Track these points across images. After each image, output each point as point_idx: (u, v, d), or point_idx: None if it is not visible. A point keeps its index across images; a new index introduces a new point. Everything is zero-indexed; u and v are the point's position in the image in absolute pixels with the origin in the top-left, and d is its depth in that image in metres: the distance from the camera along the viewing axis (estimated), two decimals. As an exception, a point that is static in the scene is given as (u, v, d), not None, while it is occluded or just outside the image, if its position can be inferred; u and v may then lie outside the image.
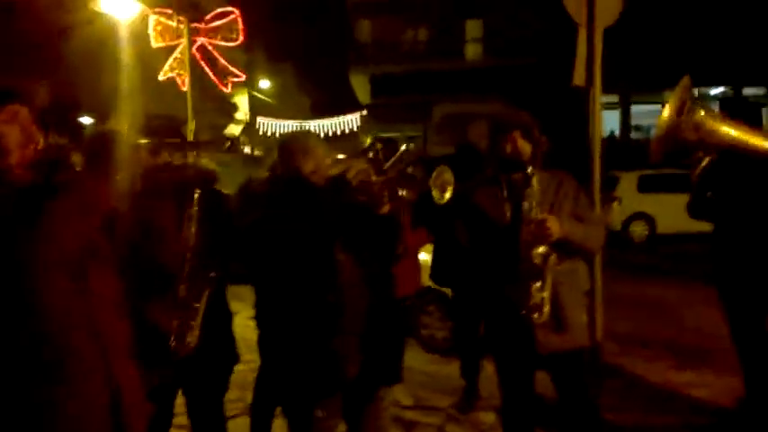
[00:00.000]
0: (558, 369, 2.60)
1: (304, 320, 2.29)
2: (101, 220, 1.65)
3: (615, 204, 12.73)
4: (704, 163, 3.17)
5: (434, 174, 2.58)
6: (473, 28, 24.83)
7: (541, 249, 2.36)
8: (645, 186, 12.36)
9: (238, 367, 3.49)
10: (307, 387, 2.33)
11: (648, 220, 12.55)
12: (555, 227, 2.37)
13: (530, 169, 2.44)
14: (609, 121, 23.53)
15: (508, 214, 2.52)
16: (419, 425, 3.87)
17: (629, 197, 12.15)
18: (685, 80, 2.30)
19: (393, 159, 2.64)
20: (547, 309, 2.43)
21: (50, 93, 1.77)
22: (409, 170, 3.98)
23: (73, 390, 1.58)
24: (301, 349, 2.30)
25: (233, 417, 3.76)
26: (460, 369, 4.37)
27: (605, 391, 4.07)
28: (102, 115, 12.94)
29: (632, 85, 20.44)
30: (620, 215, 12.30)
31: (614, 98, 23.24)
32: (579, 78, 3.80)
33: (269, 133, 20.96)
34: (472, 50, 25.03)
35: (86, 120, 14.19)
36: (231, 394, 3.93)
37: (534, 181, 2.42)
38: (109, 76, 9.46)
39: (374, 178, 2.33)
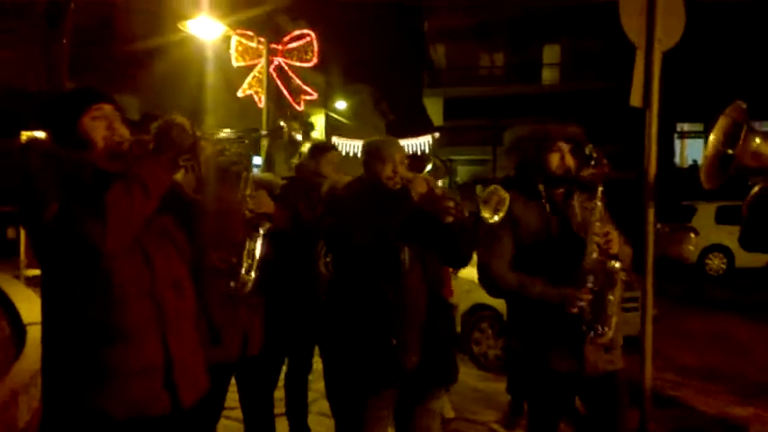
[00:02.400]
0: (598, 391, 2.51)
1: (367, 313, 2.40)
2: (159, 202, 1.79)
3: (692, 236, 12.28)
4: (755, 191, 3.04)
5: (486, 192, 2.47)
6: (550, 53, 24.68)
7: (616, 263, 2.36)
8: (723, 218, 11.80)
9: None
10: (366, 374, 2.40)
11: (726, 252, 11.95)
12: (615, 240, 2.37)
13: (600, 190, 2.42)
14: (694, 151, 22.64)
15: (556, 231, 2.48)
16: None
17: (707, 229, 11.66)
18: (739, 104, 2.20)
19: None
20: (614, 324, 2.39)
21: (140, 106, 2.00)
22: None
23: (131, 350, 1.75)
24: (363, 339, 2.40)
25: (278, 415, 3.93)
26: (507, 384, 4.38)
27: (659, 419, 3.98)
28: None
29: (718, 114, 19.61)
30: (697, 247, 11.81)
31: (699, 127, 22.35)
32: (636, 99, 3.78)
33: (343, 153, 21.45)
34: (548, 75, 24.84)
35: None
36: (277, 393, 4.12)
37: (599, 194, 2.41)
38: (194, 93, 10.14)
39: (438, 191, 2.36)
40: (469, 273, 5.62)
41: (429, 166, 2.56)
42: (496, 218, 2.29)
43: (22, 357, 4.29)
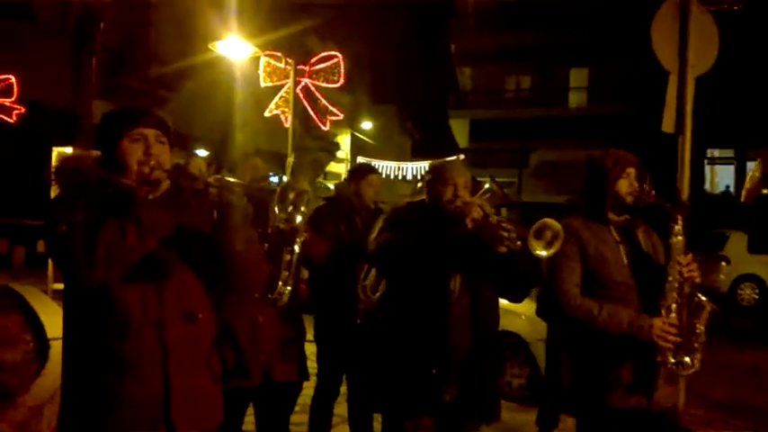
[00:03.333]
0: (659, 426, 2.44)
1: (410, 339, 2.39)
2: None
3: (723, 265, 11.98)
4: None
5: (537, 225, 2.23)
6: (578, 76, 24.61)
7: (702, 296, 2.34)
8: (756, 247, 11.51)
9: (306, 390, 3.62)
10: (402, 399, 2.39)
11: (759, 282, 11.63)
12: (697, 272, 2.35)
13: (678, 218, 2.37)
14: (725, 177, 22.26)
15: (626, 260, 2.42)
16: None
17: (739, 257, 11.38)
18: None
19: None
20: (699, 356, 2.35)
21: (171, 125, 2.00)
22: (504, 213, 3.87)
23: (130, 379, 1.73)
24: (403, 364, 2.40)
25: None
26: (537, 418, 4.25)
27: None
28: (216, 148, 13.98)
29: (748, 139, 19.30)
30: (728, 276, 11.51)
31: (730, 153, 22.00)
32: (668, 125, 3.70)
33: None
34: (575, 98, 24.75)
35: (201, 152, 15.30)
36: (295, 417, 4.08)
37: (680, 224, 2.37)
38: (223, 112, 10.29)
39: (493, 219, 2.26)
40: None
41: (485, 187, 2.52)
42: (546, 253, 2.15)
43: (43, 373, 4.31)
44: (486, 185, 2.53)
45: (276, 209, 2.02)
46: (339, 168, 21.96)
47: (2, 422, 3.43)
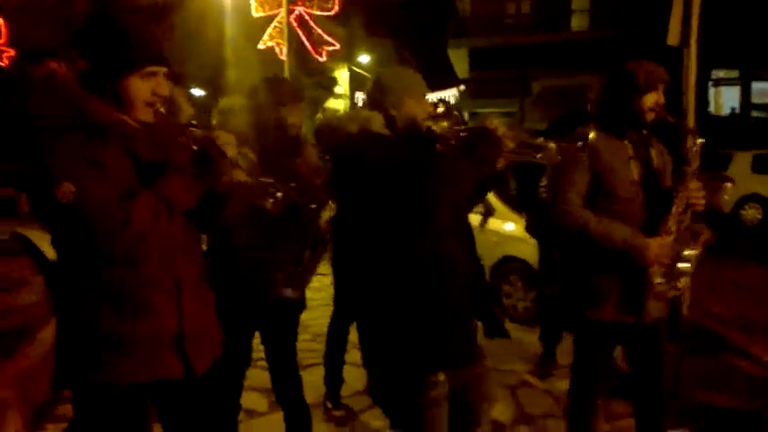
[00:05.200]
0: (649, 337, 2.50)
1: (420, 284, 2.05)
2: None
3: (728, 185, 11.90)
4: None
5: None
6: (579, -1, 23.81)
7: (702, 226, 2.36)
8: (760, 167, 11.45)
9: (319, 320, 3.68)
10: (431, 355, 2.06)
11: (763, 202, 11.63)
12: (704, 201, 2.35)
13: (699, 140, 2.34)
14: (729, 99, 21.88)
15: (637, 176, 2.39)
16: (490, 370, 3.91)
17: (743, 178, 11.32)
18: None
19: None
20: (684, 282, 2.38)
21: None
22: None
23: (144, 315, 1.73)
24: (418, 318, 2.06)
25: (310, 365, 3.98)
26: (540, 335, 4.36)
27: (696, 372, 3.93)
28: (211, 86, 13.71)
29: (754, 60, 18.85)
30: (732, 197, 11.49)
31: (735, 73, 21.53)
32: (674, 38, 3.57)
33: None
34: (577, 22, 24.01)
35: (197, 92, 15.02)
36: (310, 344, 4.16)
37: (696, 149, 2.34)
38: (214, 46, 9.98)
39: (508, 133, 1.98)
40: (496, 224, 5.57)
41: (440, 109, 2.37)
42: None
43: (46, 325, 4.37)
44: (441, 109, 2.36)
45: None
46: (338, 104, 21.65)
47: (25, 358, 3.52)
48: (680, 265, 2.38)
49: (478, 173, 2.03)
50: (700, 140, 2.35)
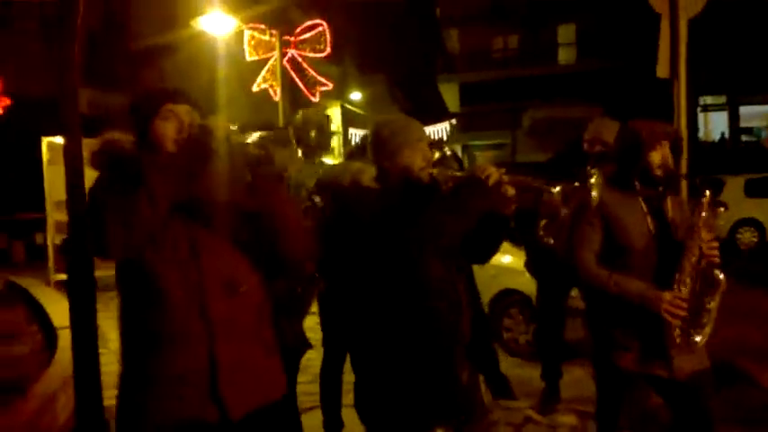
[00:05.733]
0: (689, 392, 2.43)
1: (415, 340, 2.05)
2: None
3: (721, 210, 11.98)
4: None
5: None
6: (566, 32, 24.32)
7: (720, 274, 2.33)
8: (752, 191, 11.55)
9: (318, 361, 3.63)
10: (424, 410, 2.05)
11: (757, 225, 11.69)
12: (716, 248, 2.34)
13: (708, 193, 2.34)
14: (718, 124, 22.21)
15: (653, 230, 2.43)
16: (497, 424, 3.84)
17: (737, 202, 11.40)
18: None
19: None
20: (708, 331, 2.35)
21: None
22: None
23: (173, 355, 1.74)
24: (420, 368, 2.04)
25: (312, 408, 3.91)
26: (542, 371, 4.30)
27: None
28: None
29: (741, 85, 19.19)
30: (727, 221, 11.55)
31: (722, 99, 21.90)
32: (663, 70, 3.65)
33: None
34: (565, 55, 24.50)
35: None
36: (308, 387, 4.10)
37: (705, 201, 2.34)
38: (207, 89, 10.11)
39: (505, 178, 1.99)
40: (494, 257, 5.54)
41: (436, 155, 2.37)
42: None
43: (53, 362, 4.32)
44: (438, 154, 2.33)
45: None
46: (332, 142, 21.81)
47: (15, 414, 3.44)
48: (701, 317, 2.36)
49: (465, 221, 1.99)
50: (708, 193, 2.36)
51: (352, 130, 22.31)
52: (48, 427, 3.58)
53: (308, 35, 9.77)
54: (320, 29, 9.80)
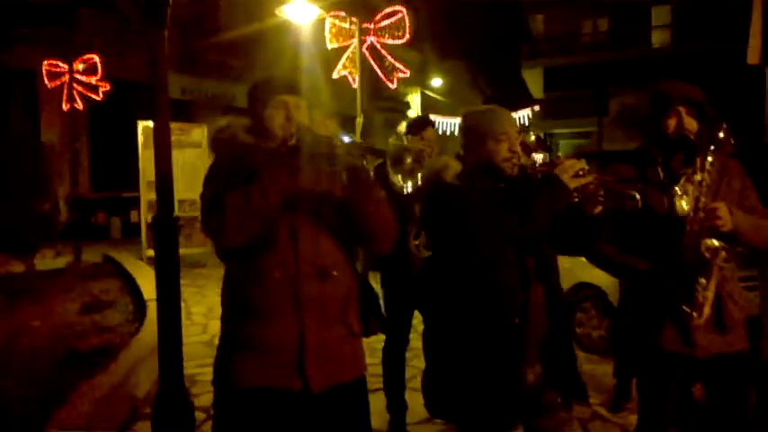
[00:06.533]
0: (717, 374, 2.34)
1: (485, 340, 2.07)
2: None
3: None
4: None
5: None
6: (660, 14, 23.04)
7: (713, 242, 2.14)
8: None
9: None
10: (489, 410, 2.08)
11: None
12: (726, 216, 2.13)
13: (710, 156, 2.19)
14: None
15: (667, 201, 2.28)
16: (569, 421, 3.79)
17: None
18: None
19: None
20: (707, 310, 2.20)
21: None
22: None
23: (266, 329, 1.91)
24: (477, 372, 2.07)
25: (375, 390, 3.99)
26: (614, 368, 4.19)
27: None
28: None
29: None
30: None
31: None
32: (753, 56, 3.41)
33: (440, 131, 21.33)
34: (659, 37, 23.24)
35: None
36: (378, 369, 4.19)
37: (708, 164, 2.19)
38: (292, 77, 10.40)
39: (590, 177, 1.99)
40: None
41: (532, 138, 2.34)
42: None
43: (141, 331, 4.65)
44: (531, 137, 2.30)
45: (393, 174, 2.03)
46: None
47: (106, 375, 3.75)
48: (699, 294, 2.20)
49: (549, 215, 2.01)
50: (710, 158, 2.20)
51: (432, 117, 22.17)
52: (133, 390, 3.87)
53: (387, 22, 9.77)
54: (399, 15, 9.77)
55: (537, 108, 22.53)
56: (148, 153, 7.86)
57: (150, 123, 5.57)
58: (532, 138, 2.31)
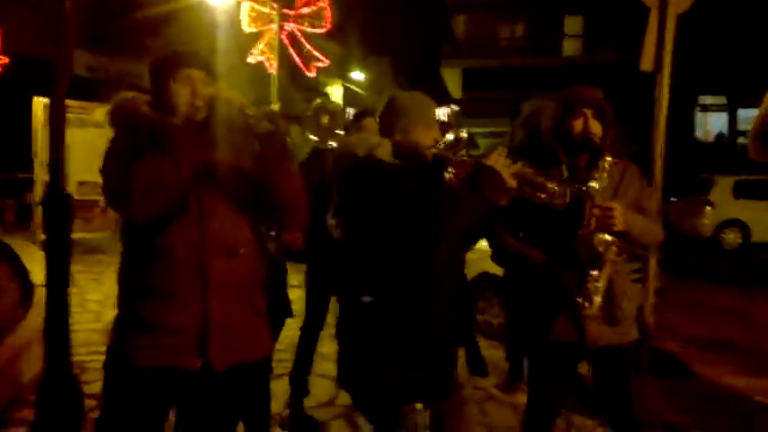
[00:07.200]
0: (604, 362, 2.48)
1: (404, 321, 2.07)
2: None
3: (708, 209, 12.01)
4: None
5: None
6: (572, 24, 24.17)
7: (606, 237, 2.25)
8: (740, 192, 11.59)
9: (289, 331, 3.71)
10: (403, 384, 2.10)
11: (742, 227, 11.75)
12: (620, 217, 2.24)
13: (609, 157, 2.28)
14: (717, 125, 22.18)
15: (568, 198, 2.31)
16: (468, 401, 3.92)
17: (724, 203, 11.46)
18: None
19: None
20: (598, 300, 2.31)
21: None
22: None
23: (168, 307, 1.86)
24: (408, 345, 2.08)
25: (279, 376, 3.98)
26: (506, 351, 4.40)
27: (660, 389, 3.97)
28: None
29: (741, 86, 19.15)
30: (713, 221, 11.59)
31: (722, 100, 21.86)
32: (647, 63, 3.67)
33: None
34: (570, 46, 24.36)
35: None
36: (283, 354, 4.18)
37: (606, 164, 2.29)
38: (207, 58, 10.10)
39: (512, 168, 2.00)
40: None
41: (450, 137, 2.41)
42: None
43: (27, 317, 4.39)
44: (452, 135, 2.36)
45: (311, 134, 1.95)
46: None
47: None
48: (590, 285, 2.31)
49: (479, 209, 2.03)
50: (608, 158, 2.31)
51: (351, 110, 22.20)
52: (19, 376, 3.66)
53: (307, 10, 9.69)
54: (321, 4, 9.72)
55: (455, 107, 23.06)
56: (46, 132, 7.39)
57: (44, 99, 5.26)
58: (464, 135, 2.33)
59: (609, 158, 2.31)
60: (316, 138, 3.50)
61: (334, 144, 3.37)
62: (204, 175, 1.84)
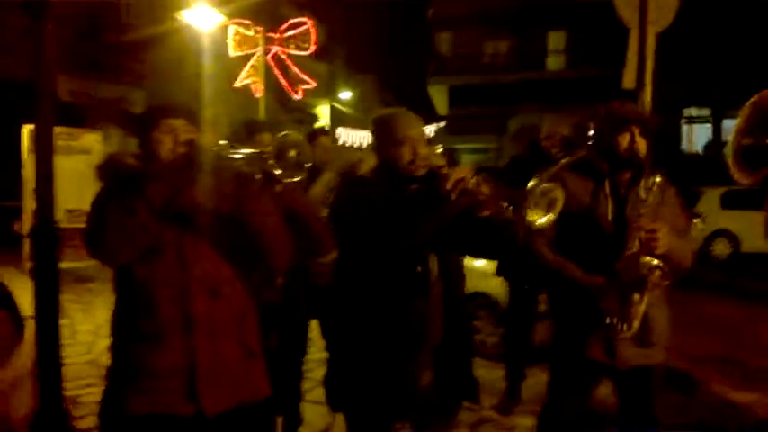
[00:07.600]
0: (631, 383, 2.47)
1: (384, 331, 2.11)
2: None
3: (698, 221, 12.10)
4: None
5: (539, 190, 2.01)
6: (556, 39, 24.49)
7: (651, 260, 2.24)
8: (728, 203, 11.71)
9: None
10: (382, 404, 2.14)
11: (731, 238, 11.87)
12: (665, 239, 2.22)
13: (659, 177, 2.29)
14: (702, 137, 22.46)
15: (610, 216, 2.37)
16: (459, 424, 3.90)
17: (712, 214, 11.56)
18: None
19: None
20: (637, 324, 2.31)
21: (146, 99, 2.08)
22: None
23: (155, 351, 1.86)
24: (374, 362, 2.13)
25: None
26: (505, 372, 4.38)
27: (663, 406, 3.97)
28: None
29: (725, 98, 19.45)
30: (702, 232, 11.68)
31: (706, 112, 22.15)
32: (629, 81, 3.73)
33: (348, 144, 21.53)
34: (554, 62, 24.67)
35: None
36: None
37: (654, 185, 2.29)
38: (192, 84, 10.07)
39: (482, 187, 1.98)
40: (466, 260, 5.59)
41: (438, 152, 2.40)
42: (544, 220, 1.97)
43: (17, 352, 4.31)
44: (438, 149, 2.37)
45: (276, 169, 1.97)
46: (325, 140, 21.78)
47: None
48: (633, 309, 2.31)
49: (437, 222, 2.05)
50: (658, 178, 2.32)
51: (340, 130, 22.34)
52: (10, 412, 3.58)
53: (293, 32, 9.73)
54: (306, 26, 9.76)
55: (442, 124, 23.20)
56: (34, 159, 7.35)
57: (29, 126, 5.23)
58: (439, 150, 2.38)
59: (659, 178, 2.31)
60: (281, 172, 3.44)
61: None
62: (180, 216, 1.87)
